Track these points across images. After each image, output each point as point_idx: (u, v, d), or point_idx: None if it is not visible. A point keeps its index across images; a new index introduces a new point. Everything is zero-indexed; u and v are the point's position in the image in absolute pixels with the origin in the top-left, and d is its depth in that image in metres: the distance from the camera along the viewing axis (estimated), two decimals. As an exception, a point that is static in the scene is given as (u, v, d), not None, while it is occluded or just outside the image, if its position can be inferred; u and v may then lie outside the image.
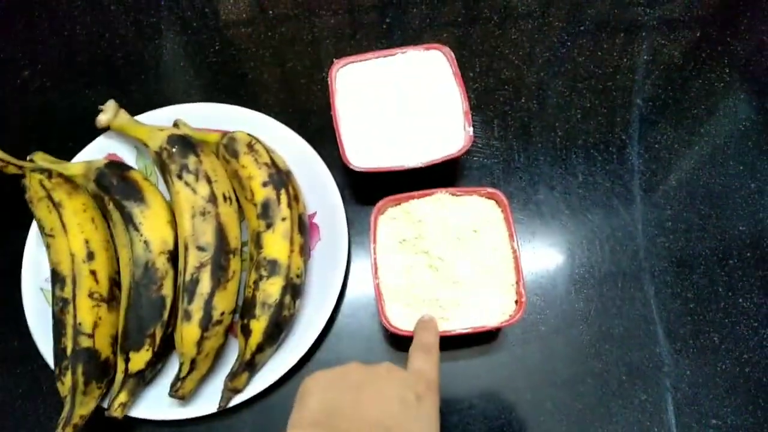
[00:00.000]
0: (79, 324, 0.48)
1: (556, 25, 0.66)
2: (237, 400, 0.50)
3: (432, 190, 0.52)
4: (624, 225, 0.57)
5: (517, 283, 0.49)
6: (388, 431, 0.34)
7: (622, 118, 0.61)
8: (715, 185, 0.58)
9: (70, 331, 0.48)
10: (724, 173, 0.59)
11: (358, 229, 0.58)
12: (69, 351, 0.48)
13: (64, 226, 0.51)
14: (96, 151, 0.59)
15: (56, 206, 0.52)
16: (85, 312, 0.49)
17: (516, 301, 0.49)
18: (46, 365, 0.52)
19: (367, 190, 0.59)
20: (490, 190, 0.52)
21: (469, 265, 0.50)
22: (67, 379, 0.47)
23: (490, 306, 0.49)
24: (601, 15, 0.66)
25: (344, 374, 0.37)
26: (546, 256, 0.56)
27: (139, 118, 0.59)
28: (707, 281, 0.55)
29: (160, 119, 0.59)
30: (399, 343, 0.53)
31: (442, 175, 0.59)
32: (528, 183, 0.59)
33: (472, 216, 0.51)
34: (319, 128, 0.61)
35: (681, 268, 0.56)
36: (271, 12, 0.67)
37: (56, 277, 0.50)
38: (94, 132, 0.59)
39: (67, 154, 0.58)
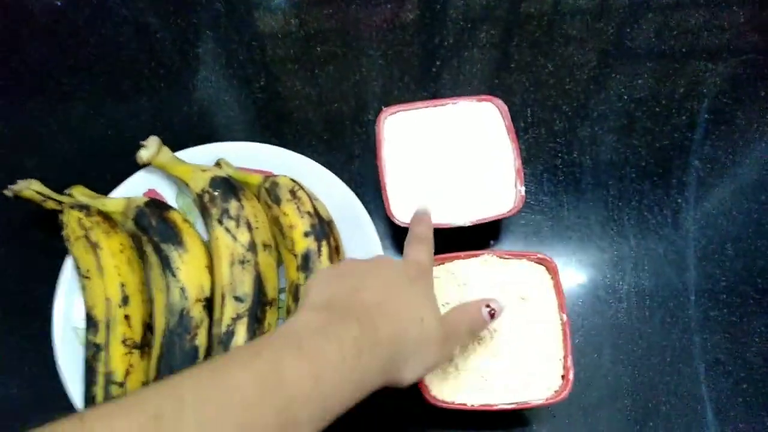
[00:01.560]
0: (111, 372, 0.47)
1: (613, 77, 0.63)
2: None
3: (478, 251, 0.50)
4: (676, 295, 0.54)
5: (565, 357, 0.47)
6: (381, 305, 0.37)
7: (678, 179, 0.59)
8: (774, 258, 0.56)
9: (101, 379, 0.47)
10: (785, 244, 0.56)
11: (398, 281, 0.56)
12: (98, 400, 0.47)
13: (100, 268, 0.50)
14: (135, 186, 0.58)
15: (94, 247, 0.51)
16: (118, 360, 0.48)
17: (562, 376, 0.47)
18: (75, 410, 0.51)
19: (408, 241, 0.57)
20: (540, 255, 0.50)
21: (515, 335, 0.48)
22: (97, 429, 0.46)
23: (535, 380, 0.47)
24: (661, 68, 0.64)
25: (342, 268, 0.41)
26: (593, 324, 0.54)
27: (181, 153, 0.58)
28: (762, 360, 0.52)
29: (201, 156, 0.58)
30: (435, 415, 0.51)
31: (487, 230, 0.57)
32: (577, 243, 0.57)
33: (520, 282, 0.49)
34: (361, 172, 0.60)
35: (734, 344, 0.53)
36: (318, 49, 0.66)
37: (90, 322, 0.50)
38: (135, 164, 0.58)
39: (107, 187, 0.57)
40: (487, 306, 0.41)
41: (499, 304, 0.42)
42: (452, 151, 0.54)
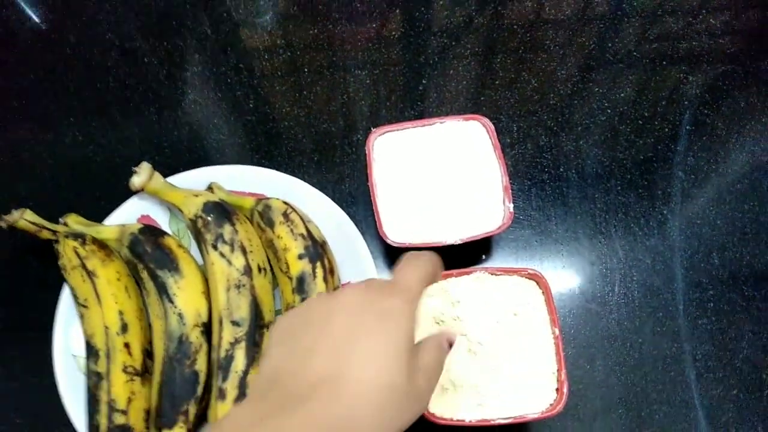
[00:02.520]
0: (113, 400, 0.48)
1: (596, 91, 0.65)
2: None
3: (471, 268, 0.51)
4: (665, 305, 0.56)
5: (559, 371, 0.48)
6: (334, 379, 0.30)
7: (662, 190, 0.60)
8: (759, 265, 0.57)
9: (104, 408, 0.48)
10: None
11: (392, 298, 0.57)
12: (104, 429, 0.47)
13: (98, 296, 0.51)
14: (129, 212, 0.58)
15: (90, 275, 0.51)
16: (119, 387, 0.48)
17: (556, 389, 0.48)
18: (76, 433, 0.51)
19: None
20: (530, 271, 0.51)
21: (509, 351, 0.48)
22: (100, 458, 0.47)
23: (529, 394, 0.48)
24: (642, 82, 0.65)
25: (301, 316, 0.35)
26: (585, 336, 0.55)
27: (173, 178, 0.58)
28: (750, 367, 0.54)
29: (193, 180, 0.58)
30: (434, 428, 0.52)
31: (479, 246, 0.58)
32: (566, 256, 0.58)
33: (512, 298, 0.50)
34: (352, 191, 0.61)
35: (724, 351, 0.54)
36: (306, 70, 0.67)
37: (90, 350, 0.50)
38: (127, 190, 0.58)
39: (101, 213, 0.57)
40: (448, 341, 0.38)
41: (453, 335, 0.39)
42: (441, 170, 0.55)
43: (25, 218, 0.54)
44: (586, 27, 0.69)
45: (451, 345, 0.38)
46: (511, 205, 0.52)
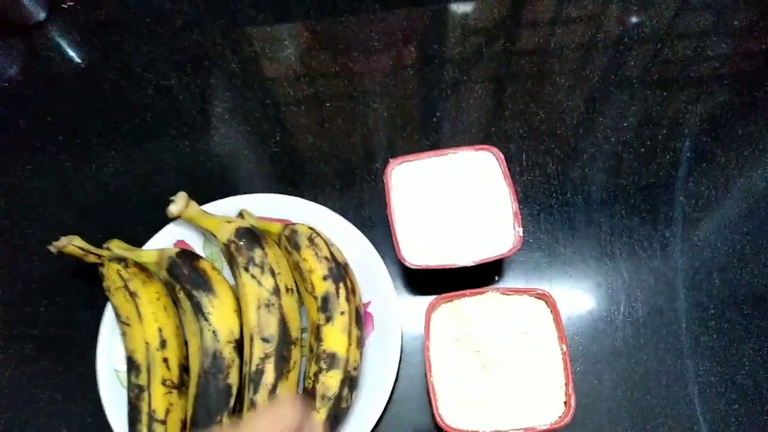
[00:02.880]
0: (154, 411, 0.52)
1: (600, 121, 0.69)
2: (296, 488, 0.52)
3: (483, 288, 0.55)
4: (668, 323, 0.59)
5: (566, 385, 0.51)
6: None
7: (665, 214, 0.63)
8: (758, 285, 0.60)
9: (145, 418, 0.52)
10: (766, 273, 0.60)
11: (409, 317, 0.60)
12: (143, 438, 0.51)
13: (139, 315, 0.55)
14: (166, 238, 0.63)
15: (132, 296, 0.56)
16: (159, 399, 0.52)
17: (564, 403, 0.51)
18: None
19: (418, 279, 0.62)
20: (540, 291, 0.54)
21: (520, 366, 0.52)
22: (142, 463, 0.51)
23: (539, 407, 0.51)
24: (644, 111, 0.69)
25: None
26: (592, 352, 0.58)
27: (206, 206, 0.63)
28: (752, 382, 0.56)
29: (225, 208, 0.63)
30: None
31: (491, 268, 0.62)
32: (573, 277, 0.61)
33: (522, 316, 0.54)
34: (372, 217, 0.65)
35: (724, 367, 0.57)
36: (327, 103, 0.72)
37: (132, 365, 0.54)
38: (163, 217, 0.63)
39: (140, 238, 0.62)
40: None
41: None
42: (455, 197, 0.59)
43: (73, 244, 0.59)
44: (590, 59, 0.73)
45: None
46: (521, 230, 0.56)
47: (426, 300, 0.61)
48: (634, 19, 0.76)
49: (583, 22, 0.76)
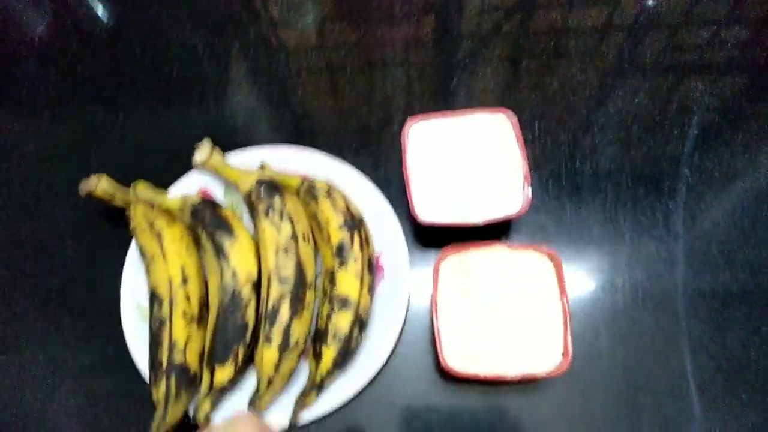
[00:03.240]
0: (174, 342, 0.55)
1: (612, 94, 0.71)
2: (305, 417, 0.56)
3: (491, 242, 0.58)
4: (666, 288, 0.61)
5: (565, 336, 0.54)
6: None
7: (669, 186, 0.66)
8: (755, 256, 0.62)
9: (165, 346, 0.55)
10: (765, 245, 0.63)
11: (418, 270, 0.63)
12: (164, 364, 0.54)
13: (163, 252, 0.58)
14: (189, 185, 0.66)
15: (157, 235, 0.59)
16: (179, 331, 0.56)
17: (562, 354, 0.54)
18: (137, 371, 0.59)
19: (429, 235, 0.64)
20: (545, 248, 0.57)
21: (522, 316, 0.55)
22: (162, 387, 0.54)
23: (538, 355, 0.54)
24: (656, 87, 0.71)
25: None
26: (591, 310, 0.61)
27: (228, 155, 0.66)
28: (740, 346, 0.59)
29: (246, 159, 0.66)
30: (451, 378, 0.58)
31: (499, 227, 0.64)
32: (578, 240, 0.64)
33: (527, 271, 0.56)
34: (387, 174, 0.67)
35: (717, 331, 0.60)
36: (348, 67, 0.74)
37: (155, 298, 0.57)
38: (187, 164, 0.66)
39: (163, 185, 0.65)
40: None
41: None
42: (468, 157, 0.61)
43: (102, 184, 0.62)
44: (607, 37, 0.75)
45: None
46: (530, 191, 0.59)
47: (435, 255, 0.64)
48: (650, 2, 0.78)
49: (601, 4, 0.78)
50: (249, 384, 0.58)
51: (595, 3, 0.77)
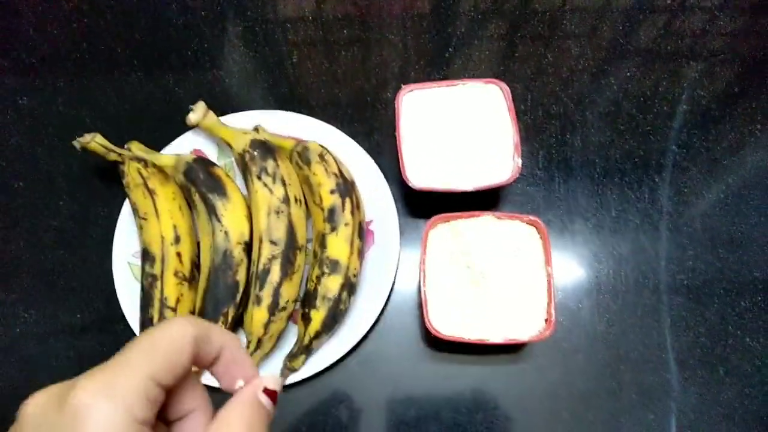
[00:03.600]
0: (165, 298, 0.56)
1: (605, 69, 0.72)
2: (293, 379, 0.57)
3: (479, 212, 0.59)
4: (648, 260, 0.63)
5: (549, 304, 0.55)
6: None
7: (656, 161, 0.67)
8: (737, 232, 0.64)
9: (156, 303, 0.56)
10: (746, 222, 0.64)
11: (407, 238, 0.64)
12: (155, 321, 0.55)
13: (156, 211, 0.59)
14: (183, 145, 0.66)
15: (151, 193, 0.60)
16: (171, 288, 0.57)
17: (546, 320, 0.55)
18: (127, 328, 0.60)
19: (418, 204, 0.65)
20: (531, 217, 0.58)
21: (507, 283, 0.56)
22: (152, 344, 0.55)
23: (522, 321, 0.55)
24: (647, 62, 0.72)
25: None
26: (575, 281, 0.62)
27: (222, 119, 0.66)
28: (719, 319, 0.61)
29: (241, 122, 0.66)
30: (436, 344, 0.60)
31: (488, 198, 0.65)
32: (565, 212, 0.65)
33: (514, 239, 0.58)
34: (380, 142, 0.68)
35: (696, 304, 0.61)
36: (345, 32, 0.74)
37: (147, 256, 0.58)
38: (180, 126, 0.66)
39: (156, 146, 0.65)
40: (265, 390, 0.29)
41: (277, 379, 0.30)
42: (460, 126, 0.62)
43: (96, 141, 0.62)
44: (602, 16, 0.75)
45: (274, 396, 0.30)
46: (520, 161, 0.60)
47: (424, 223, 0.64)
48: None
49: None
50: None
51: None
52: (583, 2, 0.76)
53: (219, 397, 0.30)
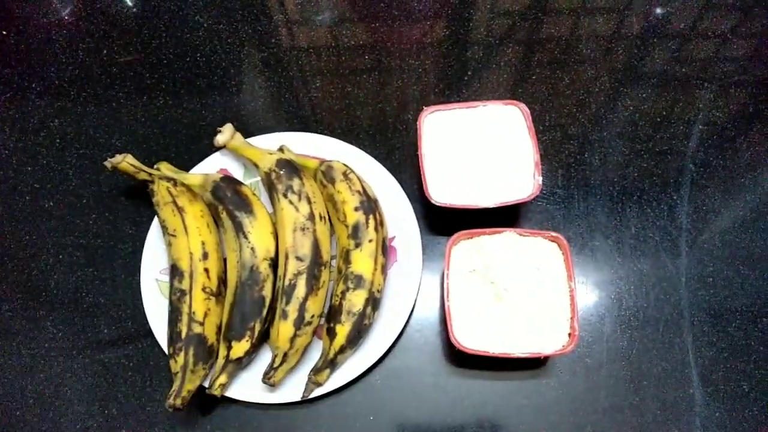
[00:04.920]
0: (193, 313, 0.57)
1: (621, 91, 0.73)
2: (317, 392, 0.58)
3: (501, 228, 0.60)
4: (669, 276, 0.63)
5: (571, 318, 0.56)
6: None
7: (675, 180, 0.68)
8: (756, 248, 0.64)
9: (185, 318, 0.57)
10: (765, 238, 0.65)
11: (429, 255, 0.65)
12: (183, 335, 0.56)
13: (185, 228, 0.60)
14: (210, 166, 0.68)
15: (180, 211, 0.61)
16: (199, 303, 0.58)
17: (569, 334, 0.56)
18: (153, 343, 0.61)
19: (440, 221, 0.66)
20: (553, 234, 0.59)
21: (530, 298, 0.57)
22: (180, 358, 0.56)
23: (545, 336, 0.56)
24: (663, 83, 0.73)
25: None
26: (597, 297, 0.63)
27: (249, 140, 0.68)
28: (742, 334, 0.61)
29: (266, 143, 0.68)
30: (459, 359, 0.60)
31: (509, 215, 0.66)
32: (585, 230, 0.66)
33: (536, 255, 0.58)
34: (401, 162, 0.69)
35: (718, 320, 0.62)
36: (366, 57, 0.77)
37: (175, 271, 0.59)
38: (207, 148, 0.68)
39: (184, 167, 0.67)
40: None
41: None
42: (481, 145, 0.63)
43: (126, 161, 0.64)
44: (617, 40, 0.77)
45: None
46: (540, 178, 0.61)
47: (445, 241, 0.65)
48: (659, 11, 0.80)
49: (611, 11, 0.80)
50: (262, 360, 0.60)
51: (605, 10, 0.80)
52: (597, 28, 0.78)
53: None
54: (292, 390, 0.58)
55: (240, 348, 0.56)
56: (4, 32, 0.80)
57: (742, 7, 0.79)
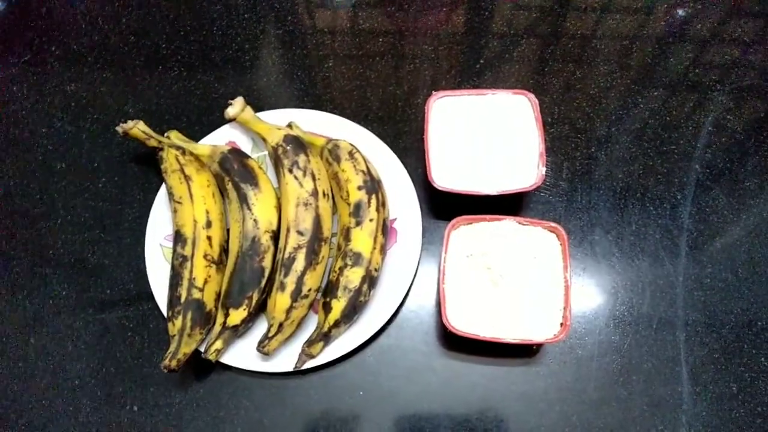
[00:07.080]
0: (194, 278, 0.58)
1: (632, 88, 0.73)
2: (310, 364, 0.59)
3: (501, 216, 0.60)
4: (666, 275, 0.64)
5: (565, 308, 0.57)
6: None
7: (679, 179, 0.68)
8: (756, 253, 0.64)
9: (185, 283, 0.58)
10: (766, 244, 0.65)
11: (429, 238, 0.66)
12: (183, 299, 0.58)
13: (191, 196, 0.62)
14: (219, 138, 0.69)
15: (187, 179, 0.62)
16: (199, 269, 0.59)
17: (561, 324, 0.56)
18: (154, 307, 0.62)
19: (442, 206, 0.67)
20: (552, 224, 0.59)
21: (525, 285, 0.57)
22: (178, 321, 0.57)
23: (538, 323, 0.56)
24: (674, 82, 0.73)
25: None
26: (592, 290, 0.63)
27: (259, 115, 0.69)
28: (735, 337, 0.61)
29: (276, 119, 0.69)
30: (451, 342, 0.61)
31: (511, 204, 0.67)
32: (586, 223, 0.66)
33: (534, 244, 0.59)
34: (408, 146, 0.70)
35: (712, 321, 0.62)
36: (380, 40, 0.77)
37: (179, 237, 0.60)
38: (218, 120, 0.69)
39: (194, 137, 0.68)
40: None
41: None
42: (487, 132, 0.64)
43: (138, 127, 0.65)
44: (636, 42, 0.77)
45: None
46: (544, 169, 0.61)
47: (446, 224, 0.66)
48: (680, 12, 0.79)
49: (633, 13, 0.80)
50: (258, 329, 0.61)
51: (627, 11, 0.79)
52: (617, 27, 0.78)
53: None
54: (285, 360, 0.59)
55: (237, 316, 0.58)
56: (28, -4, 0.82)
57: (763, 14, 0.78)
